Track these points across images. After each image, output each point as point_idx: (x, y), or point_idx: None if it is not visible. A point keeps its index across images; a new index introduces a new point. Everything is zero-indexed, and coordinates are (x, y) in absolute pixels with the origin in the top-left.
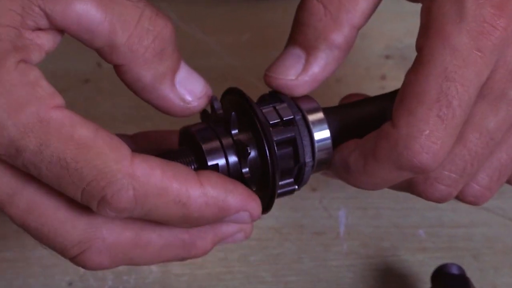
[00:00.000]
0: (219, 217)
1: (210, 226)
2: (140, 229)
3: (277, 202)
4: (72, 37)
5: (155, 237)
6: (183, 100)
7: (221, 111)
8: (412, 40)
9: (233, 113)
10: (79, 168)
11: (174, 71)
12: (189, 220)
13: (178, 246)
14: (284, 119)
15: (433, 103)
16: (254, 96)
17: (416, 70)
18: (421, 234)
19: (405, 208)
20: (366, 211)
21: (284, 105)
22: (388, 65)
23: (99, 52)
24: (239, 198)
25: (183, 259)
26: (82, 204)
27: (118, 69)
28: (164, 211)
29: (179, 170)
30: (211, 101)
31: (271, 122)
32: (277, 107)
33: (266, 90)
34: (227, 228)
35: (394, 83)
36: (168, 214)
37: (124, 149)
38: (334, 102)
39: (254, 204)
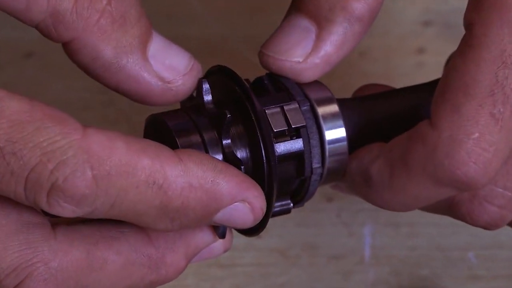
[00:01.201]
0: (208, 207)
1: (180, 235)
2: (93, 245)
3: (282, 217)
4: (2, 11)
5: (112, 255)
6: (162, 78)
7: (209, 98)
8: (460, 2)
9: (228, 116)
10: (17, 151)
11: (144, 41)
12: (170, 212)
13: (143, 264)
14: (292, 126)
15: (486, 97)
16: (248, 76)
17: (464, 53)
18: (471, 258)
19: (450, 224)
20: (398, 228)
21: (294, 105)
22: (427, 34)
23: (40, 28)
24: (233, 182)
25: (151, 284)
26: (15, 218)
27: (68, 47)
28: (136, 198)
29: (147, 144)
30: (199, 83)
31: (275, 130)
32: (285, 108)
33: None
34: (202, 236)
35: (434, 58)
36: (142, 202)
37: (71, 121)
38: (356, 82)
39: (254, 190)
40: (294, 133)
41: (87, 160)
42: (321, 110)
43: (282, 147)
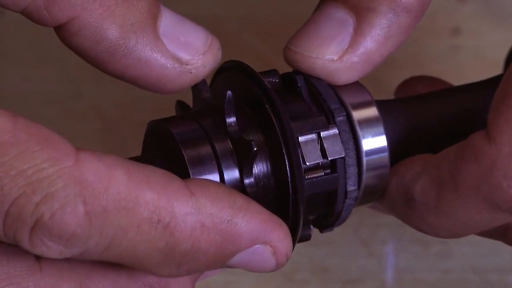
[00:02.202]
0: (223, 251)
1: None
2: (85, 277)
3: None
4: None
5: (109, 287)
6: (178, 59)
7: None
8: None
9: (228, 92)
10: None
11: (154, 16)
12: (177, 256)
13: None
14: (329, 159)
15: None
16: (251, 62)
17: None
18: None
19: (489, 241)
20: (427, 246)
21: (334, 131)
22: (464, 12)
23: (29, 12)
24: (254, 221)
25: None
26: None
27: (64, 30)
28: (137, 239)
29: (152, 172)
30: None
31: (308, 164)
32: (323, 135)
33: (281, 62)
34: None
35: (472, 40)
36: (144, 244)
37: (62, 143)
38: (379, 71)
39: (279, 232)
40: (329, 165)
41: (79, 193)
42: (358, 116)
43: (313, 187)
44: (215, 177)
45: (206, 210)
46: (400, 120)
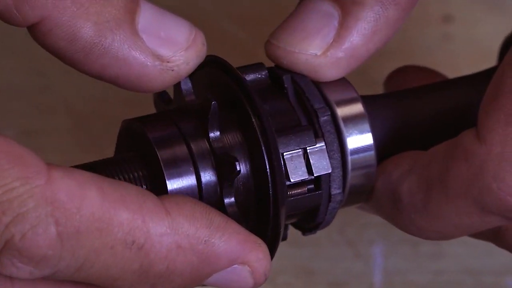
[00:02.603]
0: (199, 272)
1: None
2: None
3: None
4: None
5: None
6: (158, 57)
7: (192, 97)
8: None
9: (213, 102)
10: None
11: (131, 12)
12: (150, 278)
13: None
14: (314, 176)
15: None
16: (238, 57)
17: None
18: (510, 284)
19: (483, 242)
20: (417, 246)
21: (321, 145)
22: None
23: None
24: (233, 241)
25: None
26: None
27: (36, 30)
28: (110, 260)
29: (127, 191)
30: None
31: (292, 181)
32: (309, 150)
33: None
34: None
35: (465, 29)
36: (117, 265)
37: (33, 160)
38: (366, 62)
39: (258, 252)
40: (313, 180)
41: (51, 214)
42: (343, 113)
43: (296, 205)
44: (192, 184)
45: (183, 230)
46: (387, 116)
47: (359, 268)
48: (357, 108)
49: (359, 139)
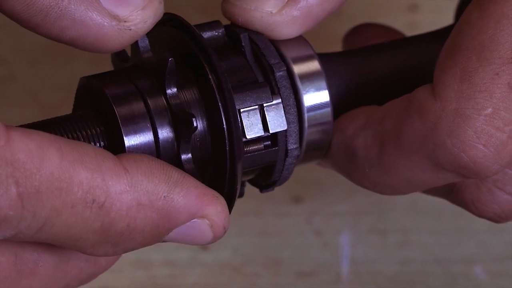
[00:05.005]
0: (160, 228)
1: None
2: (21, 247)
3: (236, 223)
4: None
5: (46, 256)
6: (115, 17)
7: (149, 54)
8: None
9: (170, 59)
10: None
11: None
12: (111, 236)
13: (79, 258)
14: (270, 133)
15: (505, 63)
16: (198, 15)
17: (482, 5)
18: (478, 273)
19: (452, 230)
20: (385, 235)
21: (278, 101)
22: None
23: None
24: (191, 196)
25: (88, 278)
26: None
27: None
28: (71, 220)
29: (86, 151)
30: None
31: (248, 138)
32: (265, 106)
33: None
34: None
35: (430, 17)
36: (78, 225)
37: None
38: (331, 49)
39: (217, 205)
40: (269, 137)
41: (11, 174)
42: (299, 70)
43: (252, 161)
44: (149, 140)
45: (142, 187)
46: (344, 73)
47: (327, 257)
48: (314, 65)
49: (316, 96)
